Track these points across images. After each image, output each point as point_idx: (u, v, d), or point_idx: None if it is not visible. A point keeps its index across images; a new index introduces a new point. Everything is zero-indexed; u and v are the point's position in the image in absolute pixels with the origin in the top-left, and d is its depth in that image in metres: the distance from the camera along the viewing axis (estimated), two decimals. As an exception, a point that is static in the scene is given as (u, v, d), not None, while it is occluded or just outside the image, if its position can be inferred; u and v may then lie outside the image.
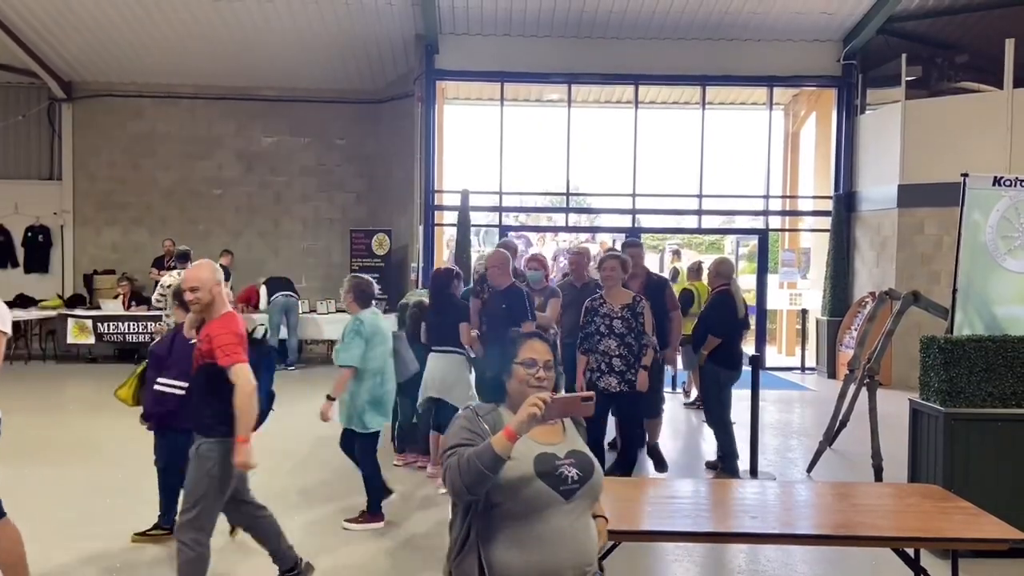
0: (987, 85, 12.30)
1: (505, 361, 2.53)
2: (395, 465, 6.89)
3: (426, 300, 6.73)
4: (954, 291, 5.66)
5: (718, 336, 6.54)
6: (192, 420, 3.89)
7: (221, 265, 13.00)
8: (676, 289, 8.62)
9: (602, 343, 5.82)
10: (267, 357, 4.16)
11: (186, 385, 4.38)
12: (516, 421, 2.26)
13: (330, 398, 5.33)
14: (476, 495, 2.32)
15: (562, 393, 2.36)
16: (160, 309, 10.04)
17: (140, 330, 11.80)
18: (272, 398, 4.23)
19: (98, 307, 12.39)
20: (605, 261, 6.09)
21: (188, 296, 3.86)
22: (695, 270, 10.11)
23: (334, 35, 12.37)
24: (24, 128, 13.95)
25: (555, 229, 15.20)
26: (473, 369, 6.48)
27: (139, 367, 5.09)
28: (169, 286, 9.94)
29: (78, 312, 12.22)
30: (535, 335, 2.62)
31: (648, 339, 5.89)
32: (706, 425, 7.32)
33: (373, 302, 5.59)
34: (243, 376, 3.68)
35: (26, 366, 11.95)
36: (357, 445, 5.48)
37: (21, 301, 13.18)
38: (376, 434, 5.48)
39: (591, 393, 2.35)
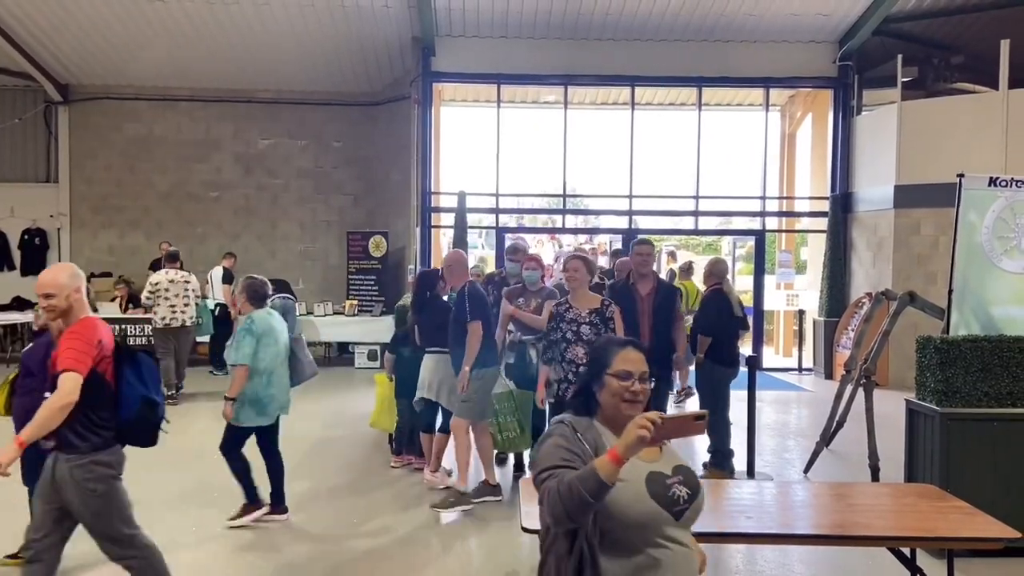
0: (983, 86, 12.33)
1: (596, 369, 2.35)
2: (392, 467, 6.89)
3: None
4: (950, 291, 5.67)
5: (707, 335, 6.57)
6: (54, 436, 3.52)
7: (224, 268, 13.03)
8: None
9: (569, 351, 5.39)
10: (134, 365, 3.77)
11: None
12: (623, 445, 2.05)
13: (228, 398, 5.32)
14: (578, 523, 2.15)
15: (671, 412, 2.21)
16: (148, 307, 10.08)
17: (138, 333, 11.80)
18: (153, 406, 3.74)
19: (95, 310, 12.32)
20: (568, 262, 5.64)
21: (42, 303, 3.55)
22: (685, 269, 10.37)
23: (331, 37, 12.37)
24: (20, 131, 13.93)
25: (552, 231, 15.21)
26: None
27: (11, 374, 4.87)
28: (157, 283, 10.02)
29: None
30: (630, 343, 2.39)
31: None
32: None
33: (268, 302, 5.58)
34: (67, 386, 3.36)
35: (23, 369, 11.94)
36: (224, 434, 5.44)
37: (17, 304, 13.18)
38: (244, 431, 5.42)
39: (704, 412, 2.19)
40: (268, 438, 5.59)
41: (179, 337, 10.04)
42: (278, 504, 5.61)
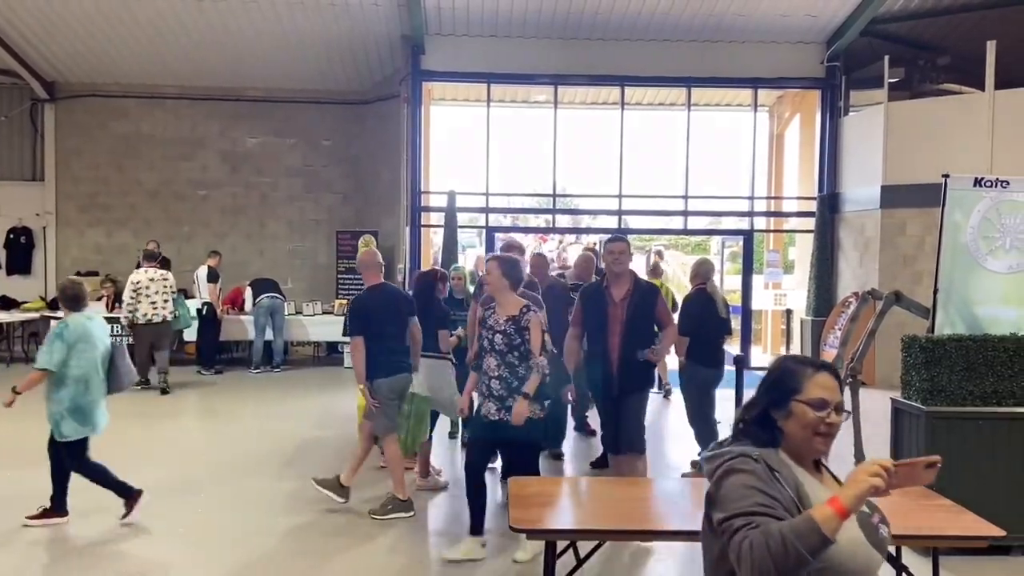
0: (969, 87, 12.41)
1: (782, 394, 2.08)
2: (381, 467, 6.86)
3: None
4: (935, 291, 5.71)
5: (684, 334, 6.44)
6: None
7: (209, 267, 12.97)
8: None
9: (484, 360, 4.87)
10: None
11: None
12: (852, 495, 1.84)
13: (15, 391, 5.25)
14: None
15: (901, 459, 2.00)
16: (131, 308, 10.14)
17: (124, 334, 11.71)
18: None
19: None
20: (486, 263, 5.21)
21: None
22: (651, 270, 10.67)
23: (319, 35, 12.34)
24: (6, 129, 13.83)
25: (542, 230, 15.23)
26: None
27: None
28: (138, 282, 10.10)
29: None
30: (824, 366, 2.13)
31: (535, 362, 4.78)
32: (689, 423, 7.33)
33: (87, 304, 5.51)
34: None
35: (8, 368, 11.84)
36: (62, 451, 5.29)
37: (3, 303, 13.08)
38: (78, 443, 5.26)
39: (936, 458, 1.95)
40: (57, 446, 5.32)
41: (159, 332, 10.30)
42: (59, 508, 5.38)
